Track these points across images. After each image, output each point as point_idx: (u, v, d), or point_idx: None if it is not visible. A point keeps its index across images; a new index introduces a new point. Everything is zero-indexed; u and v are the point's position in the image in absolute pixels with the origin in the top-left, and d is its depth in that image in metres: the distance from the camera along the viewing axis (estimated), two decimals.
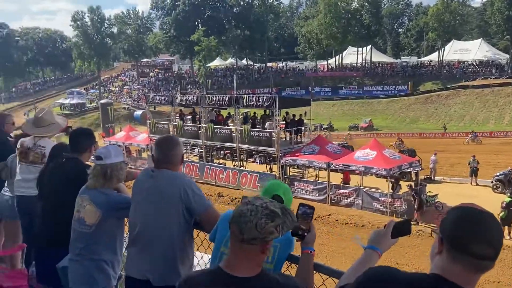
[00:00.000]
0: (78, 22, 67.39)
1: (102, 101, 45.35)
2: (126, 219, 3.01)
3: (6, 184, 4.39)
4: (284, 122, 22.04)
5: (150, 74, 71.58)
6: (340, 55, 63.10)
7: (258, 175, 20.30)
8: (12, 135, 4.97)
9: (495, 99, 46.73)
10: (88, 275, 2.84)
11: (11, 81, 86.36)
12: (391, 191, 16.84)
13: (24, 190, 4.00)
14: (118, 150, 3.05)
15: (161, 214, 2.57)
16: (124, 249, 3.06)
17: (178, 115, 25.09)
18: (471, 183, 20.36)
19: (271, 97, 20.93)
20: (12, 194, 4.20)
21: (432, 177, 21.29)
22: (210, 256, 2.81)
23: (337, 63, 63.68)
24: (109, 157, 2.89)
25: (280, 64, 69.01)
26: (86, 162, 3.40)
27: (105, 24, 69.46)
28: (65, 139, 4.37)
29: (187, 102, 24.23)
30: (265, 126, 21.55)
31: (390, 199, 16.63)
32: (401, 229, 1.73)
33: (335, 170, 18.70)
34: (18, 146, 4.12)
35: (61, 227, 3.05)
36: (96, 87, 69.90)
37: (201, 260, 2.95)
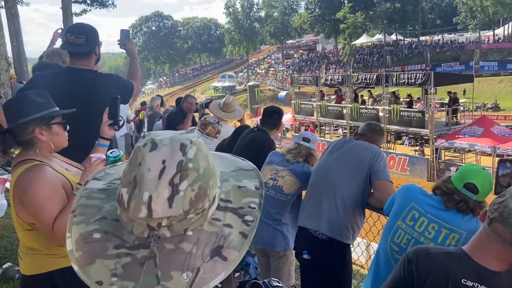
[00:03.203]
0: (230, 9, 72.01)
1: (250, 83, 47.87)
2: None
3: None
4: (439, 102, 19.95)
5: (294, 56, 72.60)
6: (510, 23, 53.81)
7: (407, 158, 18.87)
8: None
9: None
10: (273, 236, 3.23)
11: (174, 67, 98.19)
12: None
13: None
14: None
15: (348, 173, 2.82)
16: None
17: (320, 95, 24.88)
18: None
19: (426, 73, 18.95)
20: None
21: None
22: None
23: (506, 33, 54.49)
24: (314, 142, 3.35)
25: (436, 38, 62.25)
26: None
27: (254, 9, 72.81)
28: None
29: (332, 82, 23.74)
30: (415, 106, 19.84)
31: None
32: None
33: (502, 155, 16.13)
34: (202, 118, 5.05)
35: None
36: (245, 70, 74.26)
37: None
